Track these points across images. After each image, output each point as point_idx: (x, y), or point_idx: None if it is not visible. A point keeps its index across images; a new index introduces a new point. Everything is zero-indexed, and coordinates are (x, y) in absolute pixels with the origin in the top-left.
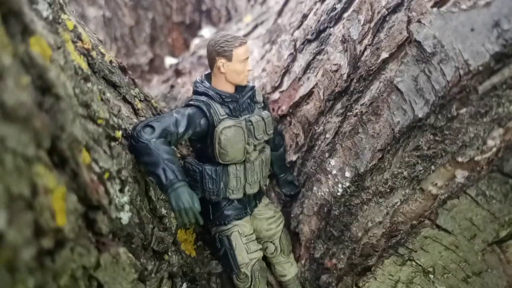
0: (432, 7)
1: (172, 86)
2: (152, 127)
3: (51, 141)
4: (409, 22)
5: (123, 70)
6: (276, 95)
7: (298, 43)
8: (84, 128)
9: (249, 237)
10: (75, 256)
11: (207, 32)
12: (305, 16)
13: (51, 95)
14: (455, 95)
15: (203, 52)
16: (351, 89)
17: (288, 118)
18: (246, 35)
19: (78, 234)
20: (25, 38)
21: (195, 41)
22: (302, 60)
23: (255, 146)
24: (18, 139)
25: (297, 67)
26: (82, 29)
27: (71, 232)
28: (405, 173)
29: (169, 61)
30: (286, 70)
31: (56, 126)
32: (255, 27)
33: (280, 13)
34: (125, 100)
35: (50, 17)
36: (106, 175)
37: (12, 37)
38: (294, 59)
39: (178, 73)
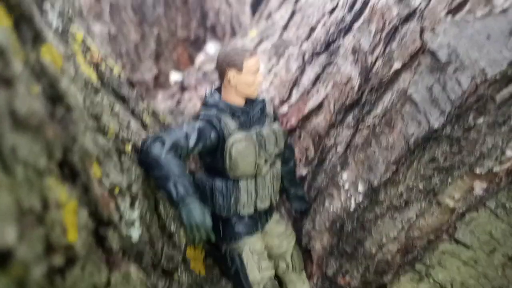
0: (446, 15)
1: (178, 101)
2: (162, 141)
3: (63, 153)
4: (422, 31)
5: (131, 84)
6: (284, 109)
7: (306, 56)
8: (94, 141)
9: (261, 254)
10: (85, 275)
11: (212, 47)
12: (313, 29)
13: (62, 105)
14: (471, 105)
15: (208, 67)
16: (363, 100)
17: (297, 131)
18: None
19: (89, 251)
20: (36, 46)
21: (200, 57)
22: (311, 72)
23: (266, 160)
24: (30, 150)
25: (306, 80)
26: (91, 42)
27: (82, 249)
28: (421, 186)
29: (174, 76)
30: (295, 83)
31: (67, 137)
32: (260, 41)
33: (285, 27)
34: (133, 113)
35: (60, 28)
36: (117, 190)
37: (24, 43)
38: (302, 72)
39: (183, 88)
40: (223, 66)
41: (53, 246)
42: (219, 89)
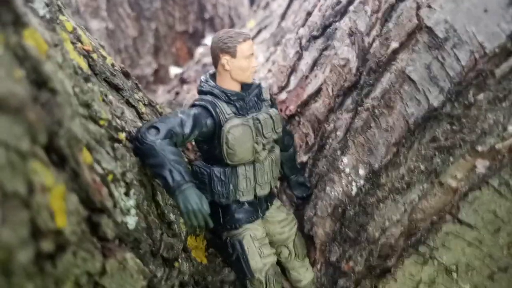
0: None
1: (177, 93)
2: (157, 128)
3: (48, 137)
4: (418, 8)
5: (126, 75)
6: (283, 95)
7: (303, 41)
8: (85, 128)
9: (262, 241)
10: (78, 261)
11: (210, 40)
12: (309, 13)
13: (46, 89)
14: (471, 81)
15: (208, 60)
16: (361, 82)
17: (296, 118)
18: None
19: (81, 237)
20: (18, 30)
21: (199, 50)
22: (308, 57)
23: (264, 145)
24: (10, 131)
25: (303, 65)
26: (82, 32)
27: (72, 235)
28: (422, 167)
29: (174, 70)
30: (293, 69)
31: (52, 121)
32: (259, 31)
33: (283, 16)
34: (128, 103)
35: (47, 16)
36: (110, 177)
37: (3, 27)
38: (300, 57)
39: (183, 82)
40: (216, 52)
41: (40, 230)
42: (214, 75)
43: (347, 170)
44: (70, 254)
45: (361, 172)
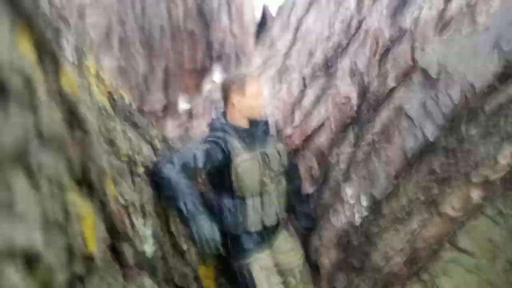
0: (434, 35)
1: (187, 128)
2: (172, 163)
3: (82, 171)
4: (413, 51)
5: (141, 113)
6: (289, 130)
7: (307, 80)
8: (110, 163)
9: (270, 270)
10: (104, 285)
11: (218, 77)
12: (312, 54)
13: (80, 129)
14: (463, 117)
15: (215, 96)
16: (362, 119)
17: (301, 151)
18: None
19: (107, 263)
20: (57, 76)
21: (207, 87)
22: (312, 95)
23: (271, 178)
24: (54, 167)
25: (307, 103)
26: (103, 73)
27: (100, 261)
28: (422, 198)
29: (183, 105)
30: (297, 106)
31: (86, 158)
32: (265, 69)
33: (287, 54)
34: (145, 139)
35: (76, 61)
36: (131, 208)
37: (47, 75)
38: (304, 95)
39: (192, 117)
40: (227, 91)
41: (75, 255)
42: (224, 113)
43: (351, 201)
44: (97, 278)
45: (364, 202)
